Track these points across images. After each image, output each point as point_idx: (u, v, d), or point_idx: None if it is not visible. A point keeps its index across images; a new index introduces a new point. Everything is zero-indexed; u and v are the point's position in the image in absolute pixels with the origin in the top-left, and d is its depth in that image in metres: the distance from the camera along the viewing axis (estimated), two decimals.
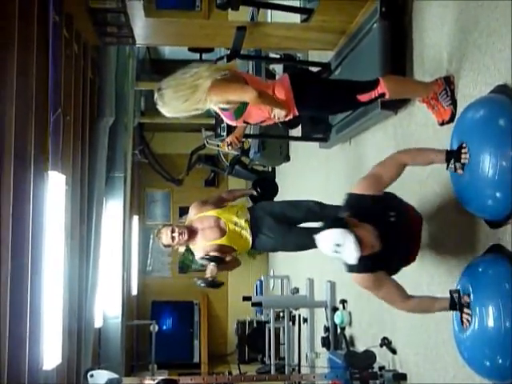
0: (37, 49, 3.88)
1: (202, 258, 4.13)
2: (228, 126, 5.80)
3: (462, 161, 2.63)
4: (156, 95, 3.14)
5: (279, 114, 3.15)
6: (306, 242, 3.99)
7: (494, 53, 2.75)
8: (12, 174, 3.50)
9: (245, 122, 3.19)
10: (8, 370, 3.40)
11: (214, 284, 4.11)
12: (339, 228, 2.67)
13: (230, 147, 3.93)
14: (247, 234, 4.18)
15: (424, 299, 2.94)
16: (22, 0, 3.67)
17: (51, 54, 4.10)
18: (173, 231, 4.16)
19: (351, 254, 2.64)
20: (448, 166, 2.70)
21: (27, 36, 3.78)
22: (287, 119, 3.31)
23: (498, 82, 2.71)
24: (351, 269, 2.84)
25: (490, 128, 2.54)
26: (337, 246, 2.64)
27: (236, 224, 4.18)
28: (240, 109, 3.17)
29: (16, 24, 3.58)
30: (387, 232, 2.79)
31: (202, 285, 4.08)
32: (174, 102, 3.10)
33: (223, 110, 3.20)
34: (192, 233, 4.20)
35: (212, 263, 4.08)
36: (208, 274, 4.07)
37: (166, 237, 4.19)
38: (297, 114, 3.25)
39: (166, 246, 4.28)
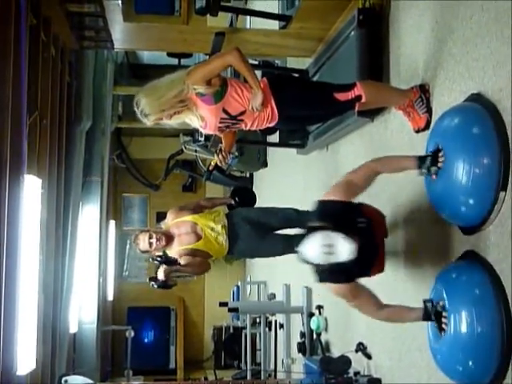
0: (14, 52, 3.85)
1: (153, 259, 3.98)
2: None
3: (439, 165, 2.65)
4: (135, 107, 3.13)
5: (256, 105, 3.13)
6: (282, 248, 4.03)
7: (469, 62, 2.79)
8: None
9: (224, 110, 3.17)
10: None
11: (166, 285, 3.97)
12: (322, 231, 2.65)
13: (221, 163, 3.65)
14: (223, 239, 4.16)
15: (398, 309, 2.91)
16: None
17: (27, 57, 4.07)
18: (150, 237, 4.11)
19: (346, 248, 2.59)
20: (421, 171, 2.73)
21: (4, 39, 3.75)
22: (269, 125, 3.32)
23: (472, 90, 2.75)
24: (326, 279, 2.82)
25: (464, 135, 2.58)
26: (328, 247, 2.61)
27: (213, 229, 4.16)
28: (219, 92, 3.13)
29: None
30: (359, 238, 2.76)
31: (154, 286, 4.04)
32: (153, 100, 3.09)
33: (201, 95, 3.12)
34: (169, 238, 4.17)
35: (164, 265, 3.92)
36: (160, 275, 3.91)
37: (143, 243, 4.14)
38: (277, 118, 3.24)
39: (143, 252, 4.25)
